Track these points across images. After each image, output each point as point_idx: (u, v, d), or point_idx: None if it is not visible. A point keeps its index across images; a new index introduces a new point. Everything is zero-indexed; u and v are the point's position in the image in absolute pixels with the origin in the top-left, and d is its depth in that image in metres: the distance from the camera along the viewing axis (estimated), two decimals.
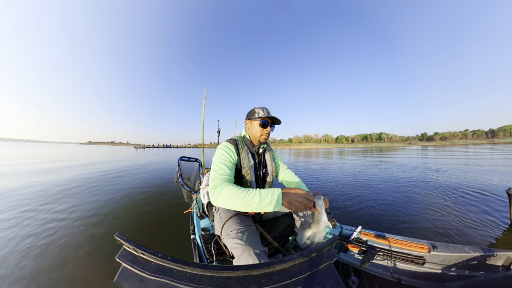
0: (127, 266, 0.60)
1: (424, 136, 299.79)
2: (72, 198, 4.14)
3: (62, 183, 5.61)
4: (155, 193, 4.80)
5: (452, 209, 3.50)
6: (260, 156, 1.42)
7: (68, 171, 8.08)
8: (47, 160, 12.97)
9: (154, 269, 0.58)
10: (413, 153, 24.82)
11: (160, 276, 0.56)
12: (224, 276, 0.56)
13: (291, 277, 0.57)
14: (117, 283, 0.58)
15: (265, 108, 1.34)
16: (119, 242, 0.65)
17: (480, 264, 1.17)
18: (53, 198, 4.14)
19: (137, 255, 0.63)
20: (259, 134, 1.32)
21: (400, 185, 5.38)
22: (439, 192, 4.63)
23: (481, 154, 18.74)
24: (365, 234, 1.46)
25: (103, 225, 2.88)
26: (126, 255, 0.63)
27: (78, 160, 13.25)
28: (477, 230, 2.68)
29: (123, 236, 0.65)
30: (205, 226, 1.70)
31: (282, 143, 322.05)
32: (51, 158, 14.72)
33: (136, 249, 0.61)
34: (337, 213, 3.37)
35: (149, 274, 0.57)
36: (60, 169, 8.67)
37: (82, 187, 5.12)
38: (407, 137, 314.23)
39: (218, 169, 1.13)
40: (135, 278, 0.57)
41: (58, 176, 6.69)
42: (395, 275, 1.27)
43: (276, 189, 0.93)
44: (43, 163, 11.23)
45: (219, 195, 0.98)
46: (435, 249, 1.25)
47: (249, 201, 0.91)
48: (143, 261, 0.61)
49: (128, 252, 0.64)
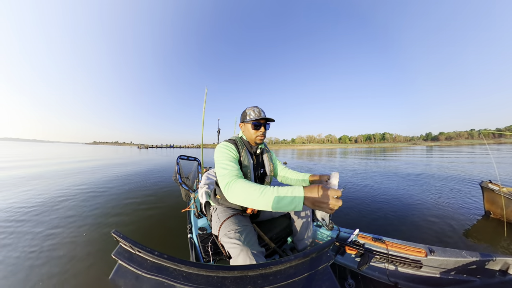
0: (123, 263, 0.60)
1: (429, 136, 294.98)
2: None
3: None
4: (155, 190, 5.02)
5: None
6: (258, 156, 1.43)
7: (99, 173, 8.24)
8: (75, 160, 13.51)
9: (150, 267, 0.58)
10: (417, 153, 24.46)
11: (156, 274, 0.56)
12: (220, 276, 0.57)
13: (288, 279, 0.57)
14: (112, 281, 0.58)
15: (256, 108, 1.31)
16: (115, 239, 0.65)
17: (477, 269, 1.17)
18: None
19: (133, 253, 0.63)
20: (254, 136, 1.32)
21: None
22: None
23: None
24: (362, 237, 1.47)
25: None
26: (122, 253, 0.63)
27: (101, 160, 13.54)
28: (455, 221, 3.01)
29: (120, 233, 0.65)
30: (202, 225, 1.71)
31: (285, 143, 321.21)
32: (76, 159, 15.11)
33: (133, 246, 0.62)
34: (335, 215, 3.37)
35: (145, 272, 0.57)
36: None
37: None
38: (411, 137, 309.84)
39: (226, 166, 1.09)
40: (131, 275, 0.57)
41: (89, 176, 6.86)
42: (392, 279, 1.27)
43: (297, 188, 0.78)
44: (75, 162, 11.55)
45: (234, 190, 0.92)
46: (432, 253, 1.26)
47: (267, 199, 0.81)
48: (140, 259, 0.61)
49: (125, 249, 0.64)
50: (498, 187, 2.95)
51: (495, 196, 2.97)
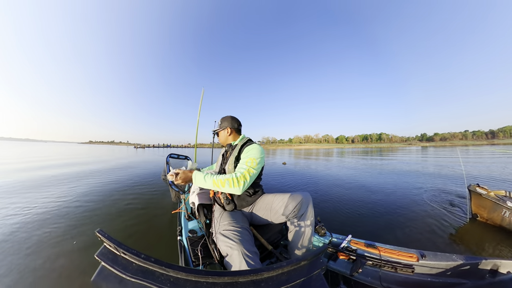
0: (107, 265, 0.56)
1: (424, 137, 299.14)
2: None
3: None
4: (143, 189, 4.87)
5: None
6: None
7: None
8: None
9: (136, 271, 0.55)
10: (412, 154, 24.84)
11: (141, 278, 0.53)
12: (209, 282, 0.54)
13: (280, 285, 0.56)
14: (94, 283, 0.54)
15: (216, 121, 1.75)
16: (100, 239, 0.61)
17: (467, 271, 1.19)
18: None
19: (118, 255, 0.59)
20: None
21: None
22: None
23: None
24: (355, 243, 1.48)
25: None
26: (106, 254, 0.59)
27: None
28: (443, 222, 3.10)
29: (104, 233, 0.61)
30: (192, 228, 1.68)
31: (282, 143, 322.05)
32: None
33: (118, 248, 0.58)
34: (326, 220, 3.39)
35: (129, 276, 0.53)
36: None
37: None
38: (407, 137, 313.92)
39: (257, 169, 1.32)
40: (114, 279, 0.54)
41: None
42: (385, 284, 1.28)
43: (199, 173, 1.31)
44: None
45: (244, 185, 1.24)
46: (424, 258, 1.28)
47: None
48: (124, 261, 0.57)
49: (109, 250, 0.60)
50: (486, 191, 3.01)
51: (482, 199, 3.02)
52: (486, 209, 2.97)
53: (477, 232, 2.82)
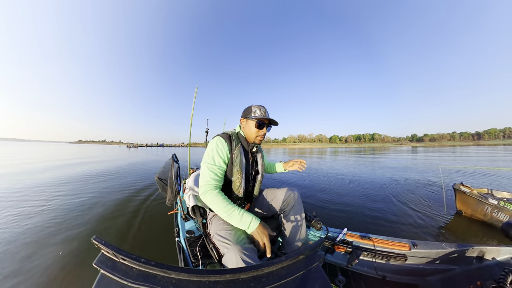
0: (106, 273, 0.54)
1: (414, 137, 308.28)
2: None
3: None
4: (135, 192, 4.73)
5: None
6: (254, 154, 1.40)
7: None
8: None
9: (137, 276, 0.53)
10: (403, 154, 25.57)
11: (143, 283, 0.52)
12: (212, 280, 0.54)
13: (280, 279, 0.57)
14: None
15: (262, 107, 1.28)
16: (97, 246, 0.58)
17: (456, 258, 1.27)
18: None
19: (117, 261, 0.57)
20: (255, 135, 1.28)
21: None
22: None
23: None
24: (350, 236, 1.54)
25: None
26: (105, 261, 0.57)
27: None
28: (431, 218, 3.28)
29: (101, 240, 0.58)
30: (190, 228, 1.66)
31: (276, 142, 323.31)
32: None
33: (116, 254, 0.56)
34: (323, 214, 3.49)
35: (131, 282, 0.52)
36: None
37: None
38: (398, 138, 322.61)
39: (209, 173, 1.14)
40: (116, 286, 0.51)
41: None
42: (380, 273, 1.34)
43: (255, 219, 1.03)
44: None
45: (206, 200, 1.11)
46: (415, 246, 1.35)
47: (230, 220, 1.04)
48: (124, 267, 0.55)
49: (107, 257, 0.58)
50: (469, 189, 3.24)
51: (466, 197, 3.25)
52: (470, 205, 3.20)
53: (462, 227, 3.02)
